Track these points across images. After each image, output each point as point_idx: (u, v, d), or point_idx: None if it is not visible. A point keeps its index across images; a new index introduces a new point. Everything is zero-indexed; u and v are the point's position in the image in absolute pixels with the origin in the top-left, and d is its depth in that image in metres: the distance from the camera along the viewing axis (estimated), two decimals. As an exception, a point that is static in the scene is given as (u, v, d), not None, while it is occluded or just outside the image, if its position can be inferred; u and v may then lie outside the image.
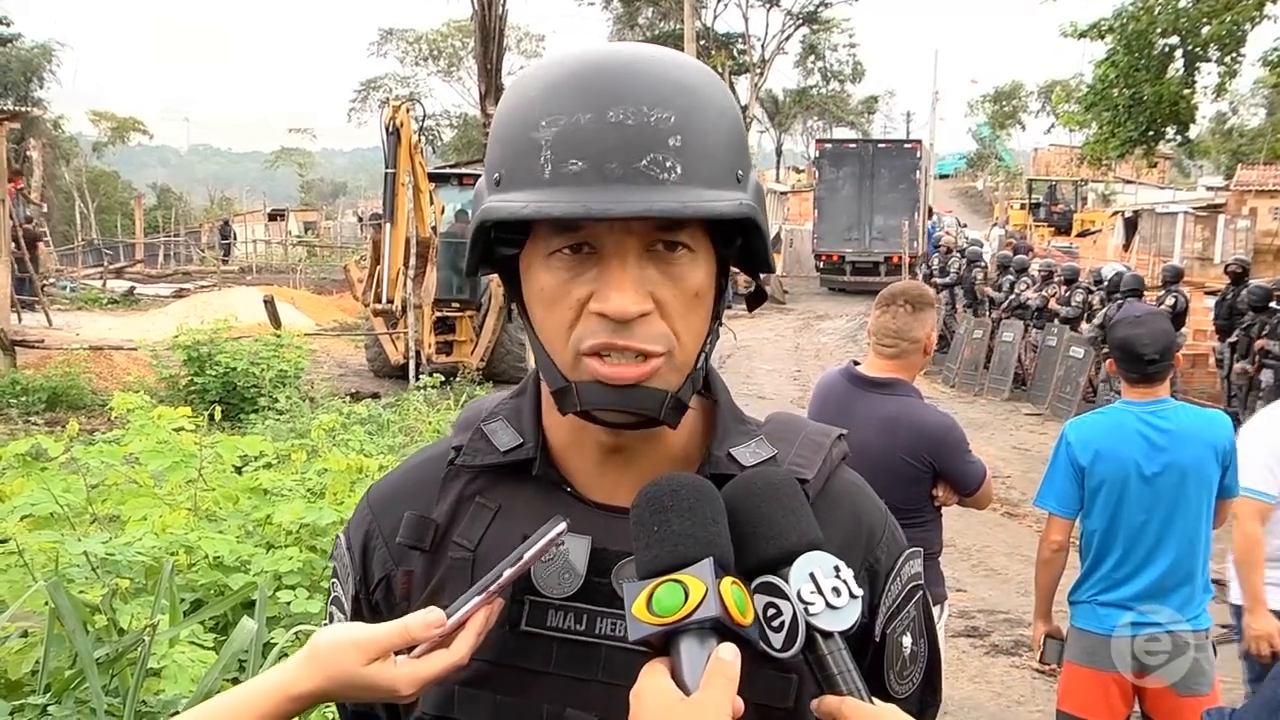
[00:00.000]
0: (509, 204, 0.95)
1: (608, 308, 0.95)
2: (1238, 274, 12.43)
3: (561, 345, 0.99)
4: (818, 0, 47.17)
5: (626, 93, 0.94)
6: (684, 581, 0.87)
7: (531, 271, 1.01)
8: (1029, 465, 10.78)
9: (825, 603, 0.93)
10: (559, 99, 0.95)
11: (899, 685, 1.11)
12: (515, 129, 0.97)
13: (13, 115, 18.10)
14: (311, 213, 52.21)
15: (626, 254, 0.96)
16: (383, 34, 51.95)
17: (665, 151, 0.93)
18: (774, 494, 0.96)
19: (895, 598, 1.11)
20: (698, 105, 0.97)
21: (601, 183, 0.92)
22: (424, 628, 0.95)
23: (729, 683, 0.85)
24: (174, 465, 3.87)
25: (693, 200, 0.93)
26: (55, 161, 42.09)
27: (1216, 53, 15.80)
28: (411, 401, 9.86)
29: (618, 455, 1.06)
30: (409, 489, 1.14)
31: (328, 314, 21.44)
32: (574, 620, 1.03)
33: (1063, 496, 3.52)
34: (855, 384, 3.55)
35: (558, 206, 0.92)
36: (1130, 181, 41.11)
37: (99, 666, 2.58)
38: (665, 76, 0.97)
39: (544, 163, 0.94)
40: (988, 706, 5.30)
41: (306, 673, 0.96)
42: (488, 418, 1.13)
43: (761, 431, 1.12)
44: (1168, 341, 3.43)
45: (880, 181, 25.25)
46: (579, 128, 0.93)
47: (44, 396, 11.44)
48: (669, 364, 0.99)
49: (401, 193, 12.81)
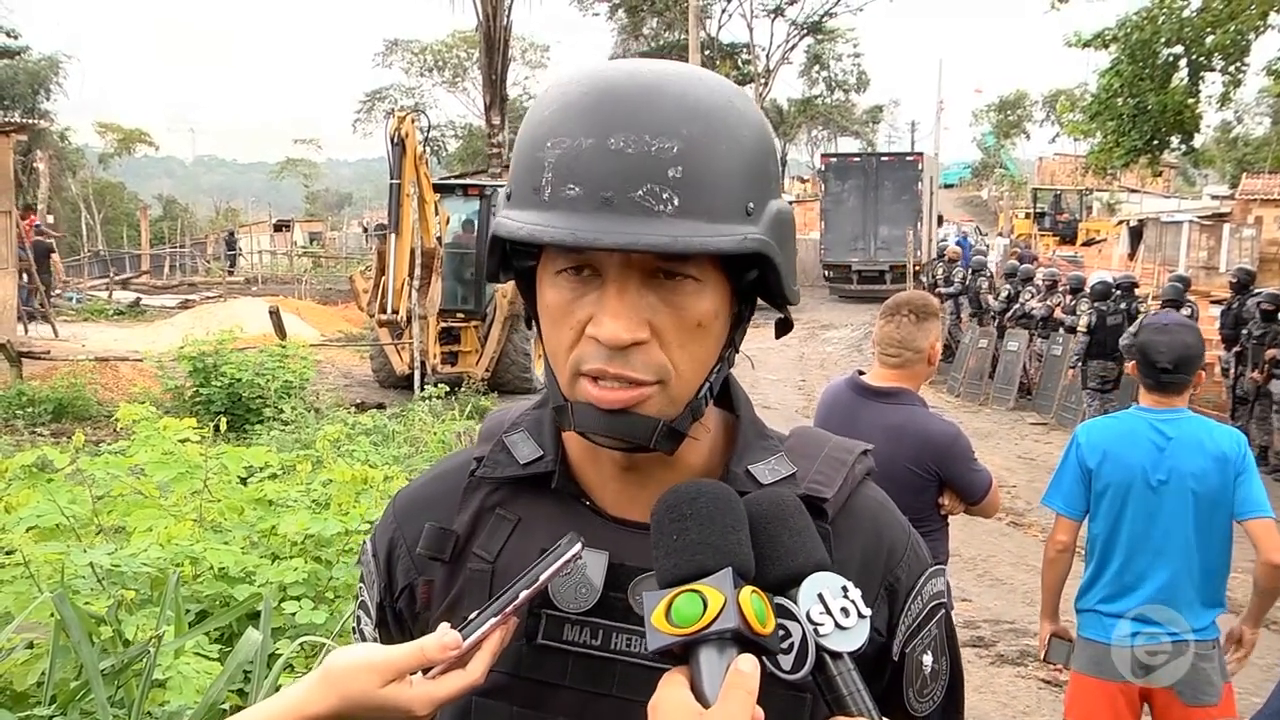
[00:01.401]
0: (512, 221, 0.96)
1: (600, 333, 0.95)
2: (1241, 283, 12.40)
3: (562, 364, 1.00)
4: (822, 10, 47.28)
5: (631, 120, 0.92)
6: (702, 592, 0.87)
7: (541, 286, 1.01)
8: (1034, 474, 10.76)
9: (834, 623, 0.92)
10: (567, 121, 0.95)
11: (919, 703, 1.11)
12: (527, 146, 0.98)
13: (20, 127, 18.18)
14: (317, 223, 52.39)
15: (627, 281, 0.95)
16: (388, 45, 52.13)
17: (663, 183, 0.92)
18: (780, 516, 0.96)
19: (916, 616, 1.11)
20: (709, 134, 0.94)
21: (595, 210, 0.91)
22: (440, 649, 0.95)
23: (748, 695, 0.84)
24: (179, 476, 3.87)
25: (686, 234, 0.91)
26: (62, 173, 42.28)
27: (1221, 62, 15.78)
28: (416, 412, 9.87)
29: (632, 472, 1.06)
30: (431, 499, 1.14)
31: (333, 325, 21.48)
32: (590, 635, 1.03)
33: (1070, 497, 3.52)
34: (860, 394, 3.55)
35: (548, 231, 0.92)
36: (1135, 190, 41.06)
37: (104, 678, 2.58)
38: (679, 103, 0.94)
39: (545, 184, 0.94)
40: (993, 717, 5.28)
41: (320, 694, 0.96)
42: (509, 429, 1.14)
43: (783, 448, 1.11)
44: (1186, 354, 3.38)
45: (884, 193, 25.79)
46: (580, 152, 0.93)
47: (50, 407, 11.46)
48: (662, 393, 0.98)
49: (406, 203, 12.83)
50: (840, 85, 55.63)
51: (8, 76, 39.75)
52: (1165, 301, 11.97)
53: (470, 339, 14.64)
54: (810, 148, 67.04)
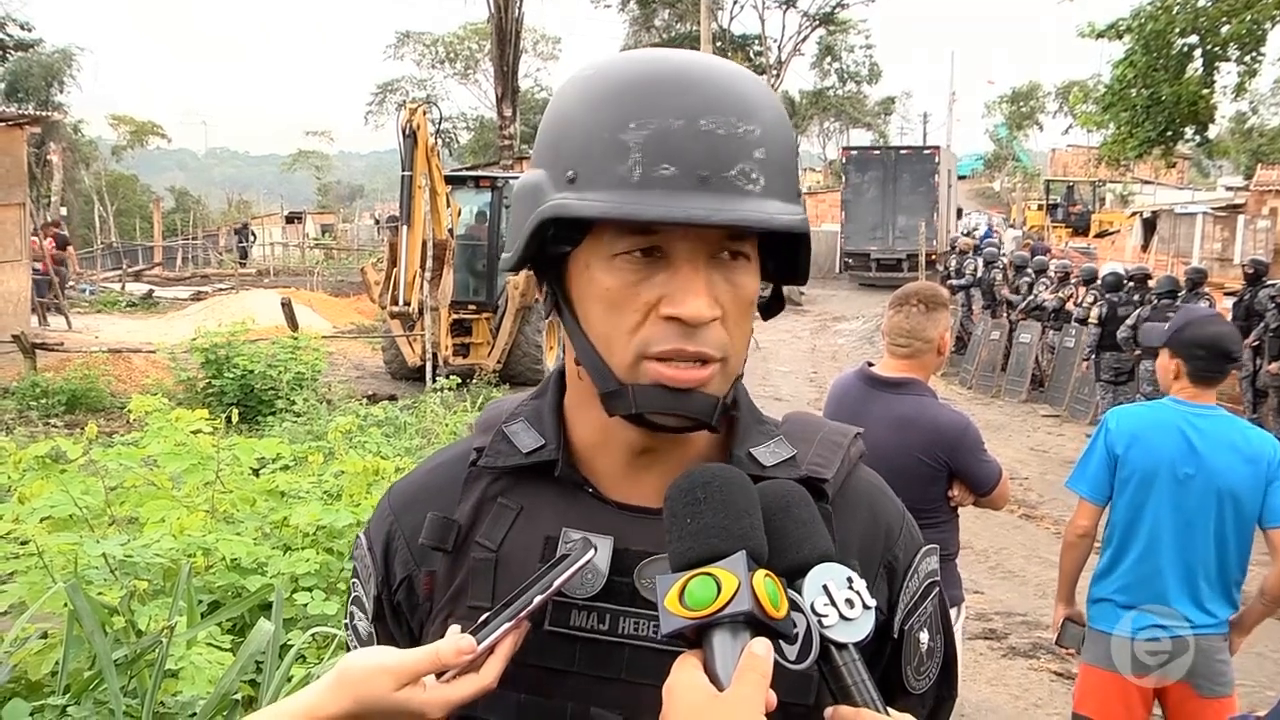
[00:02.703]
0: (590, 203, 0.95)
1: (683, 312, 0.96)
2: (1254, 275, 12.32)
3: (621, 347, 0.99)
4: (834, 1, 47.12)
5: (717, 103, 0.95)
6: (716, 575, 0.87)
7: (590, 272, 1.00)
8: (1046, 467, 10.74)
9: (839, 614, 0.92)
10: (648, 102, 0.95)
11: (916, 680, 1.13)
12: (597, 129, 0.96)
13: (34, 120, 18.25)
14: (329, 215, 52.41)
15: (698, 259, 0.97)
16: (400, 37, 52.17)
17: (751, 163, 0.95)
18: (786, 506, 0.96)
19: (913, 594, 1.13)
20: (778, 121, 1.00)
21: (694, 189, 0.93)
22: (455, 653, 0.95)
23: (762, 678, 0.85)
24: (192, 467, 3.89)
25: (773, 212, 0.96)
26: (75, 165, 42.47)
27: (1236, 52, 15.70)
28: (428, 404, 9.88)
29: (646, 456, 1.07)
30: (430, 490, 1.14)
31: (345, 316, 21.51)
32: (597, 620, 1.03)
33: (1094, 482, 3.48)
34: (870, 384, 3.55)
35: (652, 210, 0.93)
36: (1149, 182, 40.89)
37: (117, 668, 2.59)
38: (754, 90, 0.99)
39: (633, 165, 0.94)
40: (1005, 709, 5.28)
41: (334, 697, 0.96)
42: (509, 419, 1.14)
43: (780, 431, 1.13)
44: (1236, 346, 3.44)
45: (902, 185, 26.83)
46: (671, 132, 0.94)
47: (64, 399, 11.52)
48: (722, 370, 1.00)
49: (418, 195, 12.84)
50: (852, 77, 55.55)
51: (21, 69, 39.94)
52: (1160, 294, 11.90)
53: (482, 331, 14.65)
54: (821, 139, 66.92)
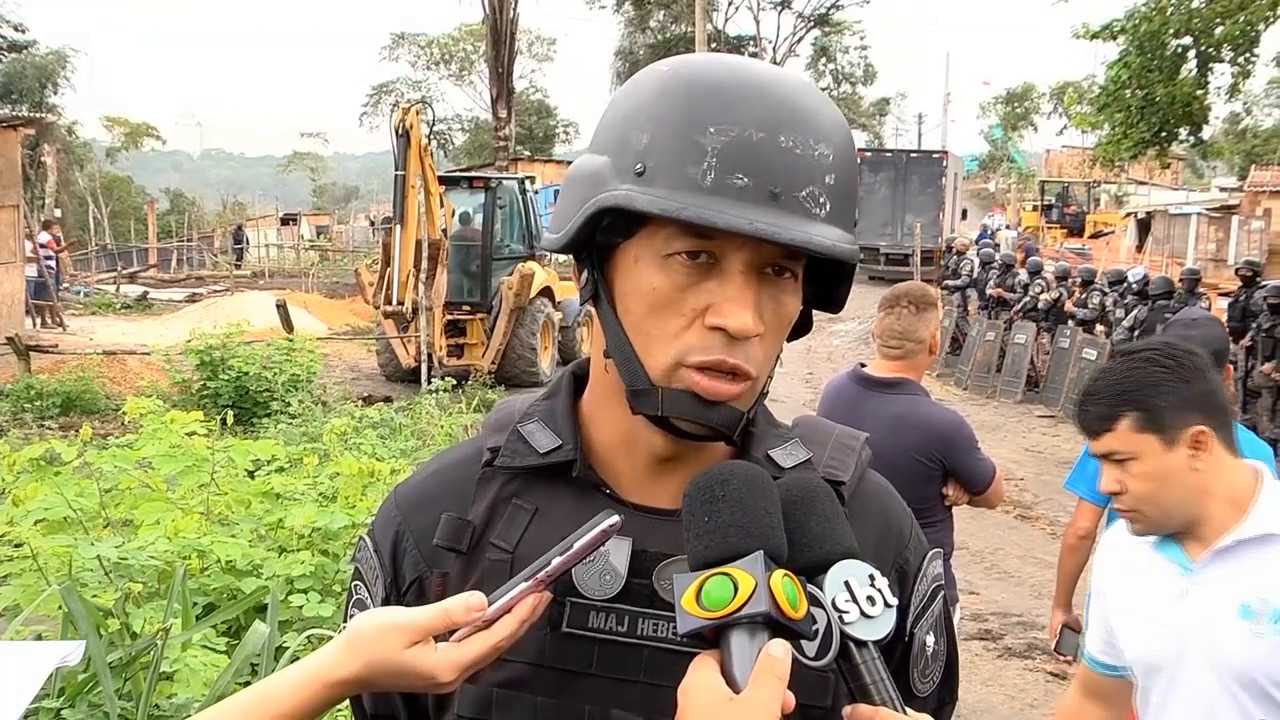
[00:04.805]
0: (658, 199, 0.94)
1: (730, 324, 0.95)
2: (1248, 276, 12.35)
3: (661, 349, 0.98)
4: (829, 2, 47.20)
5: (798, 121, 0.95)
6: (733, 575, 0.86)
7: (639, 267, 0.99)
8: (1041, 468, 10.75)
9: (860, 612, 0.92)
10: (730, 109, 0.95)
11: (921, 683, 1.13)
12: (672, 127, 0.96)
13: (28, 121, 18.23)
14: (324, 217, 52.37)
15: (750, 272, 0.96)
16: (394, 38, 52.21)
17: (821, 187, 0.96)
18: (810, 502, 0.95)
19: (923, 597, 1.14)
20: (849, 148, 1.00)
21: (764, 203, 0.93)
22: (465, 611, 0.94)
23: (778, 681, 0.83)
24: (186, 470, 3.88)
25: (834, 239, 0.96)
26: (69, 167, 42.38)
27: (1230, 53, 15.71)
28: (423, 405, 9.87)
29: (670, 460, 1.06)
30: (441, 490, 1.13)
31: (340, 318, 21.48)
32: (615, 621, 1.03)
33: (1094, 482, 3.46)
34: (862, 385, 3.55)
35: (721, 217, 0.92)
36: (1143, 183, 40.96)
37: (112, 670, 2.59)
38: (827, 113, 0.99)
39: (707, 169, 0.94)
40: (1001, 710, 5.28)
41: (345, 658, 0.94)
42: (523, 419, 1.12)
43: (794, 434, 1.13)
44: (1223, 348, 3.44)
45: (911, 185, 27.99)
46: (750, 144, 0.94)
47: (58, 401, 11.48)
48: (752, 387, 1.00)
49: (412, 195, 12.81)
50: (847, 78, 55.55)
51: (15, 71, 39.86)
52: (1156, 295, 11.96)
53: (476, 332, 14.62)
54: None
